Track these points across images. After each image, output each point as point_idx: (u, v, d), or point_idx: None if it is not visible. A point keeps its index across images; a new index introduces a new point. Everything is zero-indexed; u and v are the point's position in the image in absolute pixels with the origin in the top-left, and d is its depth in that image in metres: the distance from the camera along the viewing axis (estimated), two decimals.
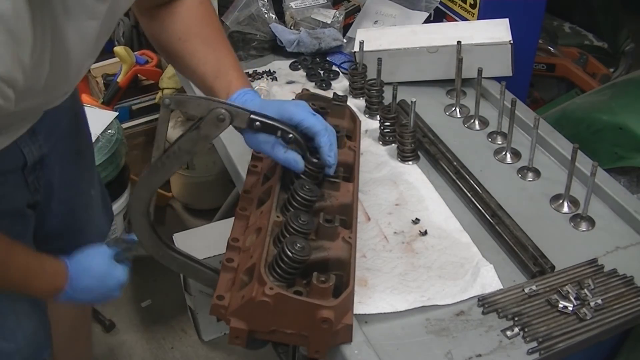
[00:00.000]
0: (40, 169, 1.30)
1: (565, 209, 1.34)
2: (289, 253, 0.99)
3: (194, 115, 1.09)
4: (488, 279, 1.18)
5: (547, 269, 1.19)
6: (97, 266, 1.19)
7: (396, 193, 1.38)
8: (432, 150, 1.47)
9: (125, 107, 2.59)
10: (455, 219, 1.32)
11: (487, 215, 1.30)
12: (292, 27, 1.91)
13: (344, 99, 1.36)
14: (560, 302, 1.12)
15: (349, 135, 1.32)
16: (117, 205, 2.17)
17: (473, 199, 1.34)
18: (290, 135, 1.11)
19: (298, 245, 0.99)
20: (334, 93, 1.33)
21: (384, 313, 1.12)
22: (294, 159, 1.11)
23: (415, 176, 1.43)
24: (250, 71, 1.82)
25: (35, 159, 1.27)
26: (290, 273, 1.00)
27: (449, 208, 1.35)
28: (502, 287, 1.17)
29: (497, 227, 1.27)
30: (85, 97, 2.45)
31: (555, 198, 1.36)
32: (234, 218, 1.21)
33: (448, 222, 1.31)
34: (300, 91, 1.43)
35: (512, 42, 1.65)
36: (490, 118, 1.59)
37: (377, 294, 1.14)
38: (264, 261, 1.01)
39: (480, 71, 1.53)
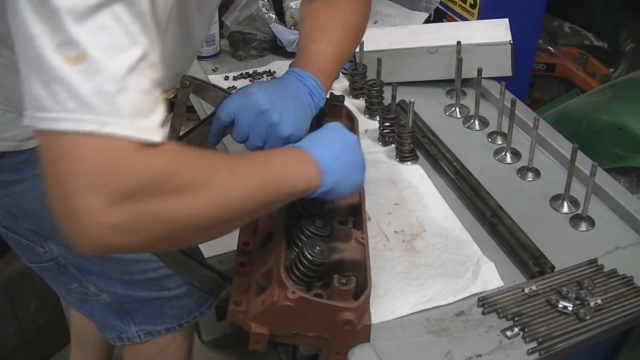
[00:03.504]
0: None
1: (565, 209, 1.34)
2: (308, 256, 0.98)
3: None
4: (489, 276, 1.18)
5: (547, 269, 1.19)
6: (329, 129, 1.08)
7: (395, 192, 1.38)
8: (431, 151, 1.47)
9: None
10: (455, 217, 1.32)
11: (486, 216, 1.30)
12: (292, 27, 1.91)
13: (340, 98, 1.36)
14: (560, 302, 1.12)
15: None
16: None
17: (473, 200, 1.34)
18: None
19: (317, 248, 0.99)
20: (331, 93, 1.33)
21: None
22: None
23: (414, 175, 1.43)
24: (250, 71, 1.82)
25: None
26: (310, 276, 1.00)
27: (448, 206, 1.35)
28: (502, 284, 1.17)
29: (496, 228, 1.27)
30: None
31: (555, 198, 1.36)
32: None
33: (448, 220, 1.32)
34: None
35: (512, 42, 1.65)
36: (490, 118, 1.59)
37: (378, 300, 1.13)
38: (282, 265, 1.00)
39: (480, 71, 1.53)
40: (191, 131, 1.13)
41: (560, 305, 1.12)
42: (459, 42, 1.62)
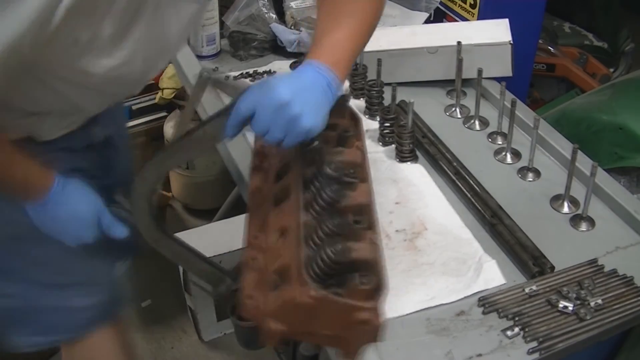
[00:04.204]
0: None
1: (565, 209, 1.34)
2: (330, 254, 0.97)
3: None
4: (491, 274, 1.19)
5: (547, 269, 1.19)
6: (86, 193, 1.17)
7: (396, 191, 1.39)
8: (431, 151, 1.47)
9: (125, 107, 2.59)
10: (455, 214, 1.33)
11: (487, 216, 1.30)
12: (292, 27, 1.91)
13: (347, 97, 1.35)
14: (561, 302, 1.13)
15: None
16: None
17: (473, 200, 1.34)
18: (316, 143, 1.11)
19: (339, 246, 0.99)
20: None
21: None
22: None
23: (414, 174, 1.43)
24: (251, 71, 1.82)
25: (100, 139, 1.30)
26: (329, 274, 0.99)
27: (449, 204, 1.35)
28: (505, 281, 1.18)
29: (496, 228, 1.27)
30: None
31: (555, 198, 1.37)
32: (245, 216, 1.19)
33: (448, 218, 1.32)
34: None
35: (512, 42, 1.65)
36: (490, 118, 1.60)
37: None
38: (302, 262, 1.00)
39: (480, 71, 1.53)
40: (208, 121, 1.10)
41: (560, 305, 1.12)
42: (459, 42, 1.62)
